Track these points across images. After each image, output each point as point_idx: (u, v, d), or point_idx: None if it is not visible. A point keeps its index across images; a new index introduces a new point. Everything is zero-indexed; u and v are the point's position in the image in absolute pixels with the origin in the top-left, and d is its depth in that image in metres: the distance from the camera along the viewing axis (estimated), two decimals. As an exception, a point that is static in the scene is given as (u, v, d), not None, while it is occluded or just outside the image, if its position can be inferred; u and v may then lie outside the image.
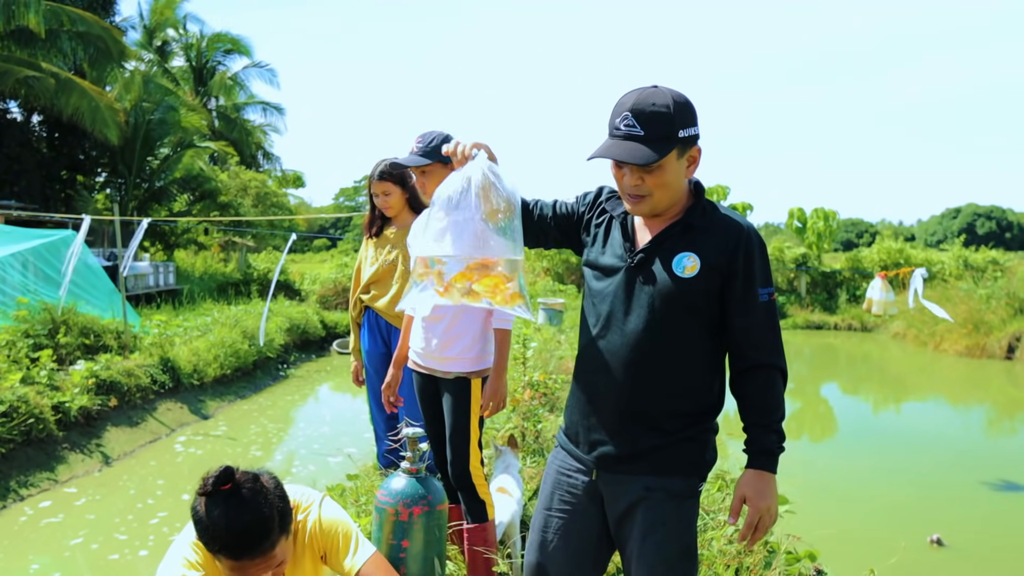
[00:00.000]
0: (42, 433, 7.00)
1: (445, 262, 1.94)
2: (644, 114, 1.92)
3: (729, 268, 1.99)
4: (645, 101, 1.93)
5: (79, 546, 5.45)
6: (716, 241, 2.00)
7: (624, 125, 1.93)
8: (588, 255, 2.18)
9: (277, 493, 2.10)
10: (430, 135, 3.11)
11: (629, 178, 1.98)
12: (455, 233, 1.95)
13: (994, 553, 5.61)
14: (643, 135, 1.91)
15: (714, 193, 23.45)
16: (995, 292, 16.38)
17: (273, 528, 2.04)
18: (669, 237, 2.03)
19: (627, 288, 2.05)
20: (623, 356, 2.03)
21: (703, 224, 2.03)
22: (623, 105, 1.95)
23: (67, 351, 9.07)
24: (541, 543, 2.19)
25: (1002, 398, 12.35)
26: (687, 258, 1.99)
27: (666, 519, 2.02)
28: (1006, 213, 60.33)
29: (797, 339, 18.88)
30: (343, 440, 8.09)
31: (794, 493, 4.27)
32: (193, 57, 31.48)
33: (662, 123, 1.92)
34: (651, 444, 2.03)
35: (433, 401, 3.23)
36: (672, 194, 2.02)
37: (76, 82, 18.08)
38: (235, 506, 1.99)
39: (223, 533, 1.99)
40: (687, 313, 2.01)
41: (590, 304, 2.15)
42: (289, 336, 13.93)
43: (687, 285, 1.99)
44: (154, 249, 23.68)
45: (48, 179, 21.26)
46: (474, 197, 1.94)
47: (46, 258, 11.14)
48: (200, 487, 2.03)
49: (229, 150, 27.41)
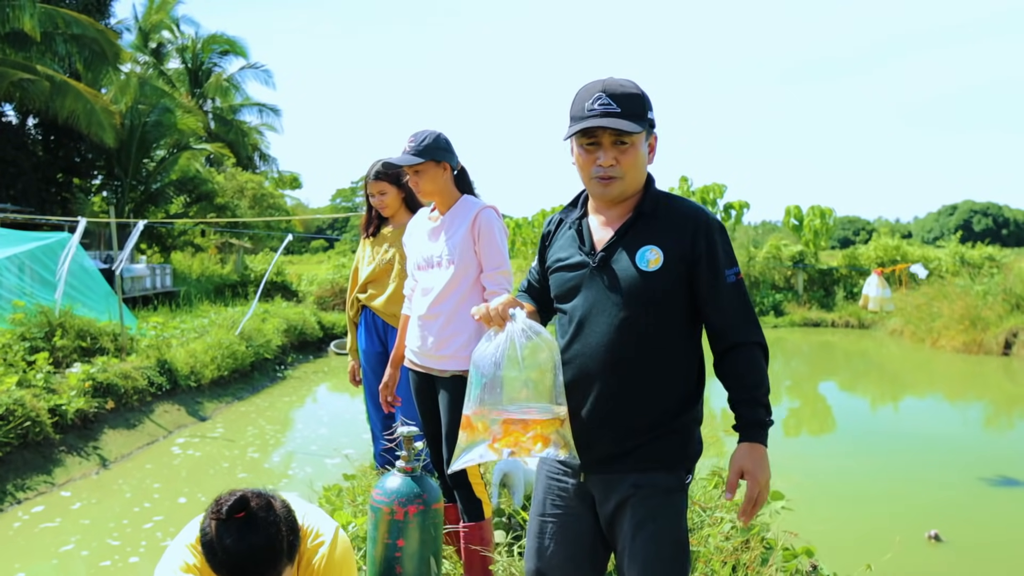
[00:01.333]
0: (39, 436, 6.99)
1: (495, 420, 1.96)
2: (617, 94, 1.96)
3: (693, 255, 2.01)
4: (615, 83, 1.98)
5: (69, 552, 5.40)
6: (675, 230, 2.02)
7: (599, 104, 1.95)
8: (552, 263, 2.19)
9: (288, 524, 2.10)
10: (422, 134, 3.11)
11: (604, 158, 1.99)
12: (503, 393, 1.95)
13: (992, 549, 5.61)
14: (620, 111, 1.94)
15: (711, 191, 23.43)
16: (992, 288, 16.38)
17: (280, 560, 2.06)
18: (628, 232, 2.04)
19: (594, 290, 2.05)
20: (599, 358, 2.03)
21: (658, 214, 2.05)
22: (592, 88, 1.99)
23: (64, 354, 9.05)
24: (538, 549, 2.19)
25: (999, 394, 12.36)
26: (650, 251, 2.01)
27: (655, 514, 2.02)
28: (1002, 210, 60.42)
29: (794, 336, 18.89)
30: (341, 441, 8.08)
31: (791, 490, 4.28)
32: (188, 59, 31.49)
33: (635, 102, 1.97)
34: (635, 442, 2.03)
35: (430, 400, 3.23)
36: (638, 178, 2.05)
37: (71, 85, 18.06)
38: (247, 535, 2.01)
39: (230, 560, 2.01)
40: (657, 306, 2.01)
41: (560, 311, 2.16)
42: (286, 337, 13.91)
43: (654, 278, 2.00)
44: (151, 251, 23.66)
45: (44, 182, 21.24)
46: (521, 358, 1.94)
47: (42, 261, 11.12)
48: (213, 509, 2.04)
49: (225, 152, 27.40)
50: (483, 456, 1.97)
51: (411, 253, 3.32)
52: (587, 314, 2.05)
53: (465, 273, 3.08)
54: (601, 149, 1.99)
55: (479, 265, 3.10)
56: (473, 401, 1.97)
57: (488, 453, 1.96)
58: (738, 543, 3.53)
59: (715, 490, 4.25)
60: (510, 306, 2.00)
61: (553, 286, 2.18)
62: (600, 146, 1.99)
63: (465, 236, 3.08)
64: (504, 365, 1.93)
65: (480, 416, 1.96)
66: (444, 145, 3.14)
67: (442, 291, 3.09)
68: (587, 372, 2.04)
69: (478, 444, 1.96)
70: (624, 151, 1.98)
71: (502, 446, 1.95)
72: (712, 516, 3.81)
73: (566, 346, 2.09)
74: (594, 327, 2.03)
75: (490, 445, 1.95)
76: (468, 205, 3.17)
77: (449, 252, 3.10)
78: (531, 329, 1.96)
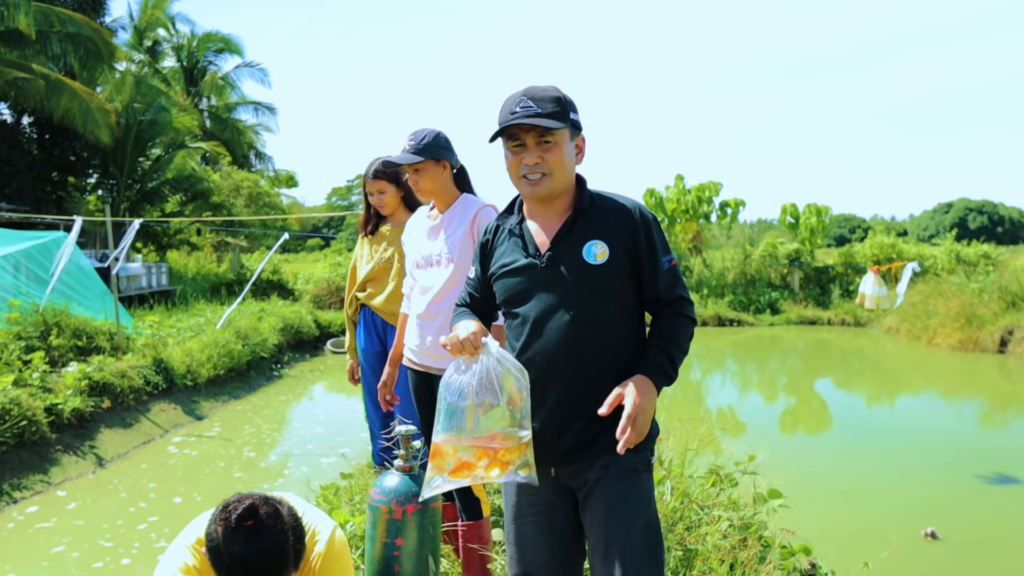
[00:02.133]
0: (35, 435, 6.97)
1: (465, 447, 2.01)
2: (538, 97, 2.06)
3: (635, 248, 2.11)
4: (536, 88, 2.10)
5: (61, 554, 5.34)
6: (614, 224, 2.13)
7: (520, 107, 2.06)
8: (496, 269, 2.24)
9: (295, 531, 2.12)
10: (422, 132, 3.11)
11: (529, 157, 2.09)
12: (476, 421, 2.00)
13: (988, 546, 5.62)
14: (541, 112, 2.05)
15: (707, 189, 23.46)
16: (987, 286, 16.42)
17: (287, 567, 2.08)
18: (570, 230, 2.13)
19: (545, 288, 2.13)
20: (559, 353, 2.10)
21: (595, 210, 2.14)
22: (515, 95, 2.09)
23: (59, 353, 9.04)
24: (520, 552, 2.23)
25: (995, 392, 12.39)
26: (595, 245, 2.10)
27: (625, 496, 2.08)
28: (998, 207, 60.58)
29: (790, 334, 18.91)
30: (337, 440, 8.08)
31: (788, 487, 4.28)
32: (184, 57, 31.41)
33: (556, 103, 2.07)
34: (601, 426, 2.09)
35: (428, 398, 3.22)
36: (566, 176, 2.13)
37: (66, 83, 18.02)
38: (254, 543, 2.02)
39: (239, 567, 2.02)
40: (607, 297, 2.11)
41: (511, 315, 2.21)
42: (283, 336, 13.89)
43: (602, 271, 2.09)
44: (147, 250, 23.63)
45: (39, 181, 21.18)
46: (498, 387, 1.99)
47: (38, 260, 11.09)
48: (222, 516, 2.04)
49: (221, 150, 27.35)
50: (448, 484, 2.01)
51: (410, 251, 3.32)
52: (541, 314, 2.12)
53: (464, 271, 3.08)
54: (526, 150, 2.09)
55: None
56: (442, 429, 2.01)
57: (449, 482, 2.01)
58: (735, 541, 3.54)
59: (712, 488, 4.25)
60: (481, 335, 2.05)
61: (500, 292, 2.24)
62: (525, 147, 2.09)
63: (465, 234, 3.08)
64: (481, 394, 1.98)
65: (449, 443, 2.00)
66: (444, 143, 3.14)
67: (441, 289, 3.09)
68: (550, 370, 2.11)
69: (443, 474, 2.01)
70: (548, 149, 2.08)
71: (481, 473, 1.99)
72: (709, 514, 3.81)
73: (523, 347, 2.15)
74: (551, 325, 2.10)
75: (452, 472, 2.00)
76: (468, 203, 3.16)
77: (448, 250, 3.09)
78: (504, 359, 2.02)
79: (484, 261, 2.31)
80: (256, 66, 32.41)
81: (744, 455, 4.45)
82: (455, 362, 2.05)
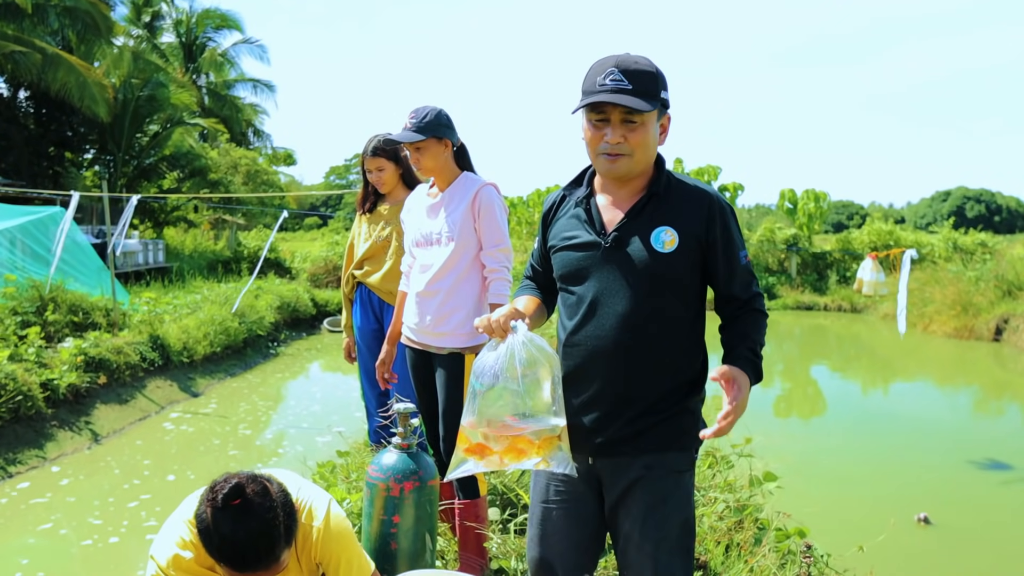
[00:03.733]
0: (30, 411, 6.97)
1: (492, 432, 1.94)
2: (630, 71, 1.90)
3: (708, 239, 1.98)
4: (628, 59, 1.92)
5: (49, 531, 5.35)
6: (688, 211, 1.98)
7: (611, 80, 1.89)
8: (557, 242, 2.12)
9: (285, 508, 2.07)
10: (423, 110, 3.08)
11: (612, 135, 1.94)
12: (501, 405, 1.93)
13: (980, 531, 5.66)
14: (632, 88, 1.89)
15: (705, 173, 23.42)
16: (984, 275, 16.44)
17: (279, 544, 2.03)
18: (641, 212, 2.00)
19: (606, 270, 2.01)
20: (612, 339, 1.99)
21: (670, 194, 2.01)
22: (605, 63, 1.93)
23: (55, 328, 9.02)
24: (542, 536, 2.16)
25: (989, 379, 12.43)
26: (665, 232, 1.97)
27: (667, 495, 2.02)
28: (995, 196, 60.53)
29: (787, 319, 18.93)
30: (333, 418, 8.09)
31: (783, 471, 4.30)
32: (182, 33, 31.18)
33: (649, 79, 1.91)
34: (648, 423, 2.00)
35: (426, 376, 3.22)
36: (647, 157, 1.99)
37: (64, 57, 17.89)
38: (243, 522, 1.98)
39: (229, 547, 1.98)
40: (671, 287, 1.99)
41: (567, 292, 2.11)
42: (279, 314, 13.89)
43: (669, 260, 1.96)
44: (143, 227, 23.55)
45: (35, 156, 21.08)
46: (520, 374, 1.91)
47: (34, 235, 11.07)
48: (209, 496, 2.01)
49: (219, 127, 27.22)
50: (476, 468, 1.96)
51: (409, 229, 3.29)
52: (599, 296, 2.01)
53: (464, 250, 3.06)
54: (609, 126, 1.94)
55: (479, 242, 3.08)
56: (471, 412, 1.94)
57: (480, 466, 1.96)
58: (731, 523, 3.55)
59: (709, 470, 4.26)
60: (512, 318, 1.95)
61: (558, 266, 2.12)
62: (609, 123, 1.94)
63: (465, 213, 3.06)
64: (503, 377, 1.91)
65: (476, 427, 1.94)
66: (446, 122, 3.11)
67: (441, 268, 3.08)
68: (600, 354, 2.01)
69: (472, 458, 1.96)
70: (633, 129, 1.93)
71: (499, 459, 1.94)
72: (706, 496, 3.82)
73: (576, 328, 2.05)
74: (608, 309, 1.99)
75: (482, 457, 1.94)
76: (468, 182, 3.14)
77: (449, 229, 3.07)
78: (532, 342, 1.92)
79: (545, 232, 2.19)
80: (255, 43, 32.22)
81: (740, 438, 4.47)
82: (489, 344, 1.97)
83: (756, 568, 3.16)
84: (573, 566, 2.13)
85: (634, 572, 2.05)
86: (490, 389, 1.91)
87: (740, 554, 3.28)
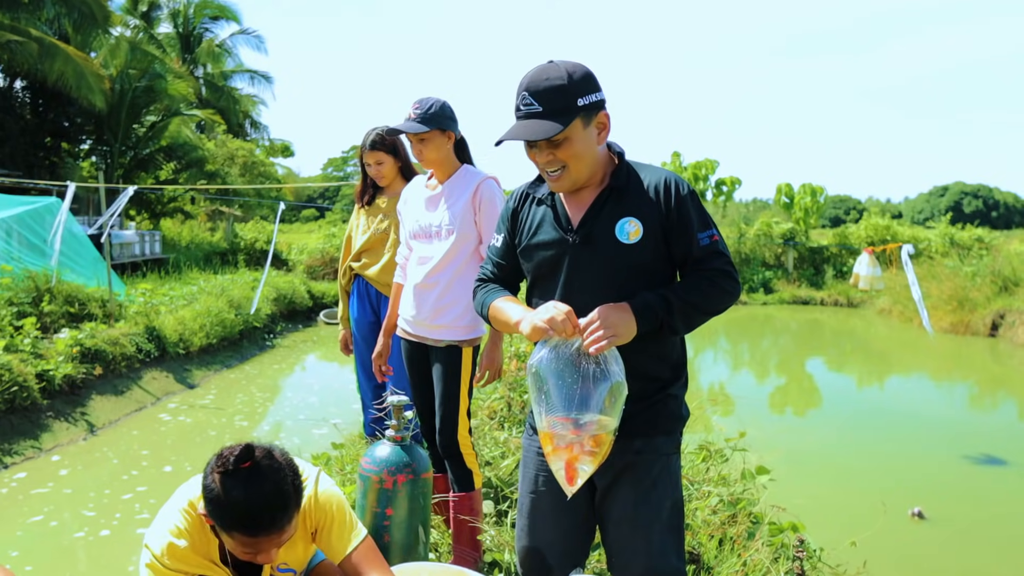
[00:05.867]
0: (26, 401, 6.97)
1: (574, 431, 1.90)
2: (539, 91, 1.92)
3: (667, 222, 2.01)
4: (539, 77, 1.94)
5: (40, 523, 5.32)
6: (648, 199, 2.02)
7: (523, 104, 1.94)
8: (525, 241, 2.15)
9: (290, 468, 2.09)
10: (428, 101, 3.06)
11: (540, 156, 1.99)
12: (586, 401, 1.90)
13: (974, 526, 5.67)
14: (542, 110, 1.92)
15: (703, 167, 23.42)
16: (980, 270, 16.46)
17: (290, 504, 2.04)
18: (603, 206, 2.03)
19: (577, 265, 2.04)
20: None
21: (630, 185, 2.04)
22: (520, 85, 1.97)
23: (51, 319, 9.01)
24: (531, 526, 2.18)
25: (984, 375, 12.46)
26: (628, 223, 2.00)
27: (657, 479, 2.06)
28: (993, 192, 60.60)
29: (783, 314, 18.96)
30: (330, 410, 8.09)
31: (777, 465, 4.31)
32: (179, 23, 31.06)
33: (558, 96, 1.92)
34: (634, 409, 2.01)
35: (422, 369, 3.22)
36: (588, 164, 2.02)
37: (60, 47, 17.82)
38: (255, 484, 1.98)
39: (243, 511, 1.98)
40: (641, 276, 2.02)
41: (540, 288, 2.13)
42: (276, 306, 13.89)
43: (635, 250, 2.00)
44: (140, 218, 23.53)
45: (32, 146, 21.01)
46: (592, 370, 1.90)
47: (30, 226, 11.03)
48: (218, 464, 2.01)
49: (216, 118, 27.16)
50: (588, 469, 1.92)
51: (407, 221, 3.28)
52: (572, 291, 2.05)
53: (464, 243, 3.06)
54: (536, 148, 1.99)
55: (478, 236, 3.08)
56: (548, 413, 1.91)
57: (587, 467, 1.92)
58: (725, 517, 3.56)
59: (703, 464, 4.27)
60: (570, 315, 1.93)
61: (529, 264, 2.15)
62: (535, 145, 1.99)
63: (466, 206, 3.05)
64: (573, 375, 1.89)
65: (556, 427, 1.90)
66: (449, 114, 3.10)
67: (440, 260, 3.07)
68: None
69: (564, 456, 1.92)
70: (558, 145, 1.96)
71: (589, 457, 1.91)
72: (700, 490, 3.83)
73: None
74: (581, 303, 2.00)
75: (573, 457, 1.91)
76: (469, 175, 3.13)
77: (450, 221, 3.06)
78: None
79: (512, 228, 2.21)
80: (253, 33, 32.09)
81: (734, 432, 4.47)
82: (552, 343, 1.93)
83: (749, 562, 3.16)
84: (563, 555, 2.16)
85: (628, 554, 2.08)
86: (559, 387, 1.89)
87: (733, 548, 3.29)
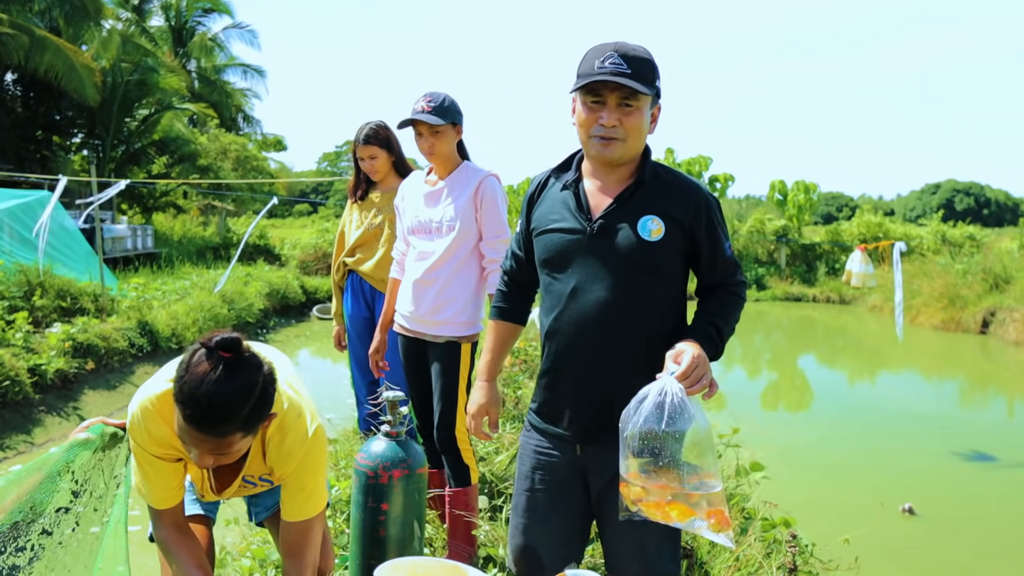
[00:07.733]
0: (18, 396, 6.94)
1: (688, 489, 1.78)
2: (629, 56, 1.90)
3: (693, 231, 2.00)
4: (627, 46, 1.92)
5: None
6: (676, 202, 1.99)
7: (610, 63, 1.89)
8: (541, 225, 2.10)
9: (262, 397, 1.89)
10: (439, 95, 3.04)
11: (608, 118, 1.93)
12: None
13: (964, 522, 5.71)
14: (631, 72, 1.89)
15: (696, 163, 23.44)
16: (971, 267, 16.51)
17: (234, 420, 1.83)
18: (629, 199, 2.00)
19: (591, 256, 2.00)
20: (596, 326, 1.99)
21: (657, 183, 2.01)
22: (603, 48, 1.92)
23: (43, 314, 8.98)
24: (526, 525, 2.16)
25: (975, 372, 12.52)
26: (651, 221, 1.97)
27: None
28: (984, 189, 60.72)
29: (775, 310, 19.00)
30: (323, 406, 8.01)
31: (769, 461, 4.32)
32: (172, 16, 30.92)
33: (646, 66, 1.92)
34: None
35: (419, 365, 3.21)
36: (639, 143, 2.00)
37: (51, 40, 17.74)
38: (217, 376, 1.80)
39: (190, 391, 1.80)
40: (656, 277, 2.00)
41: (550, 278, 2.09)
42: (268, 301, 13.86)
43: (655, 248, 1.97)
44: (132, 212, 23.44)
45: (23, 139, 20.91)
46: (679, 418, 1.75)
47: (21, 219, 10.98)
48: (207, 336, 1.85)
49: (209, 112, 27.04)
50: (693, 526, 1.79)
51: (405, 216, 3.25)
52: (583, 282, 2.00)
53: (465, 239, 3.05)
54: (605, 108, 1.94)
55: (479, 232, 3.07)
56: (631, 459, 1.79)
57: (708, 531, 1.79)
58: (718, 513, 3.57)
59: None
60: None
61: (541, 249, 2.10)
62: (604, 105, 1.94)
63: (468, 203, 3.04)
64: (662, 427, 1.75)
65: (637, 477, 1.79)
66: (459, 108, 3.09)
67: (441, 256, 3.06)
68: (584, 341, 2.01)
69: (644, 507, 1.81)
70: (629, 113, 1.93)
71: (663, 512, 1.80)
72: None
73: (559, 314, 2.04)
74: (590, 296, 1.98)
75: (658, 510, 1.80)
76: (470, 172, 3.12)
77: (451, 217, 3.05)
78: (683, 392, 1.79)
79: (529, 214, 2.17)
80: (245, 27, 31.99)
81: (727, 428, 4.48)
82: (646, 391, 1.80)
83: (742, 557, 3.18)
84: (557, 555, 2.12)
85: (624, 558, 2.06)
86: (646, 436, 1.76)
87: (726, 543, 3.29)
